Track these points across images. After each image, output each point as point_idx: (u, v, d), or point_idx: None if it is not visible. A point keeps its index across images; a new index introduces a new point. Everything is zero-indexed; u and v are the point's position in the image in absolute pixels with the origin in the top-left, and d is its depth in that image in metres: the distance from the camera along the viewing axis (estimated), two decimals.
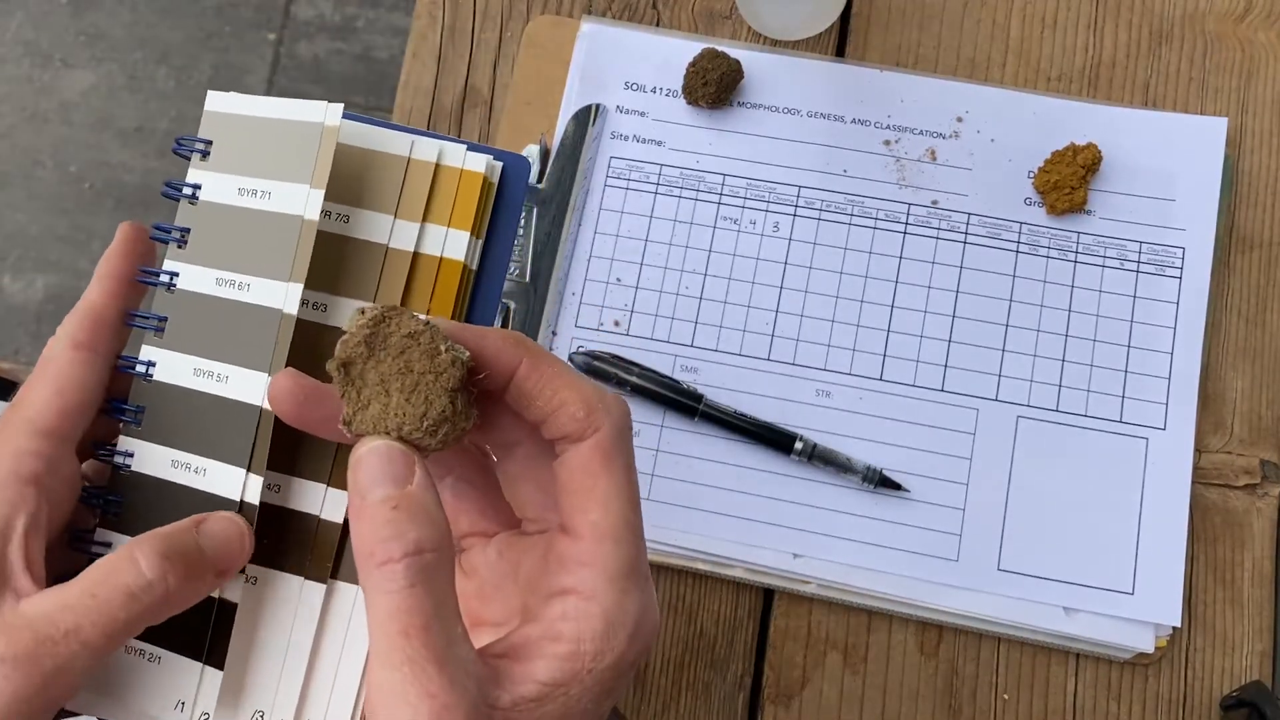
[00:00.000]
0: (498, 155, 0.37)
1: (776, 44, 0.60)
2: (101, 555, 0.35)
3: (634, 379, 0.54)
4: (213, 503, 0.35)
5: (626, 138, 0.58)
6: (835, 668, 0.53)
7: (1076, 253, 0.56)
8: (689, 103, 0.58)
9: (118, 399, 0.37)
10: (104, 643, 0.32)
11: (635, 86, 0.59)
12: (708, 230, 0.57)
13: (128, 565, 0.32)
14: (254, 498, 0.35)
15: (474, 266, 0.37)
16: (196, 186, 0.37)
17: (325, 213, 0.36)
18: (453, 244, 0.36)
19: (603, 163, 0.58)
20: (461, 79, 0.61)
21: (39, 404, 0.35)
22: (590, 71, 0.59)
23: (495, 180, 0.37)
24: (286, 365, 0.34)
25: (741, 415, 0.54)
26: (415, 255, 0.36)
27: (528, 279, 0.56)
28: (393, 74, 1.42)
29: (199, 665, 0.35)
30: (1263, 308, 0.56)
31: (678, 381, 0.55)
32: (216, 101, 0.38)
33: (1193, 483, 0.53)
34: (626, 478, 0.32)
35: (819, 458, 0.53)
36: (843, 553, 0.53)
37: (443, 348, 0.30)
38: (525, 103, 0.59)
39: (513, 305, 0.56)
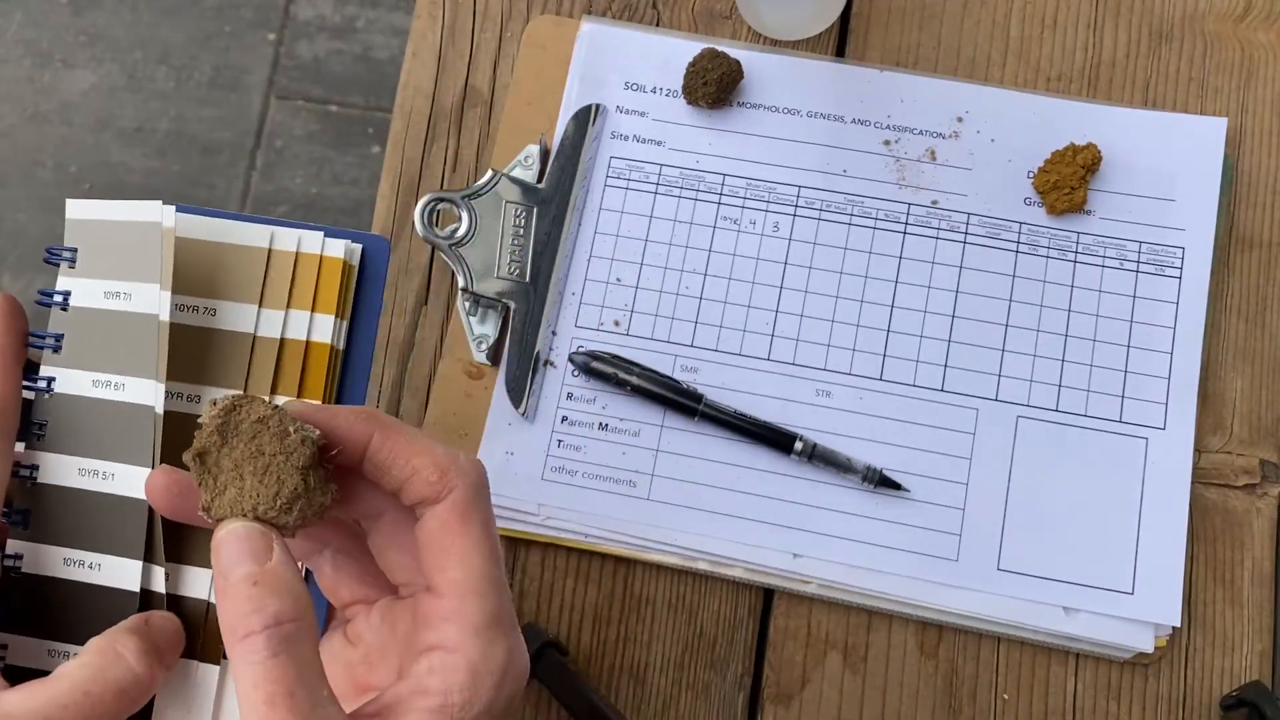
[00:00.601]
0: (356, 238, 0.39)
1: (776, 44, 0.60)
2: None
3: (634, 379, 0.54)
4: (111, 596, 0.36)
5: (626, 138, 0.58)
6: (835, 668, 0.53)
7: (1076, 253, 0.56)
8: (689, 103, 0.58)
9: None
10: None
11: (635, 86, 0.59)
12: (708, 230, 0.57)
13: (116, 662, 0.33)
14: (160, 587, 0.36)
15: (340, 347, 0.39)
16: (66, 293, 0.38)
17: (191, 308, 0.38)
18: (319, 328, 0.38)
19: (603, 163, 0.58)
20: (461, 79, 0.61)
21: None
22: (590, 71, 0.59)
23: (356, 263, 0.39)
24: (163, 460, 0.36)
25: (741, 415, 0.54)
26: (282, 341, 0.38)
27: (528, 279, 0.56)
28: (393, 74, 1.42)
29: None
30: (1262, 308, 0.56)
31: (678, 381, 0.55)
32: (76, 209, 0.39)
33: (1192, 483, 0.53)
34: (484, 533, 0.33)
35: (819, 458, 0.53)
36: (843, 553, 0.53)
37: (291, 429, 0.32)
38: (525, 103, 0.59)
39: (512, 305, 0.56)
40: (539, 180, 0.57)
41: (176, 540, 0.37)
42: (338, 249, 0.39)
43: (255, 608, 0.30)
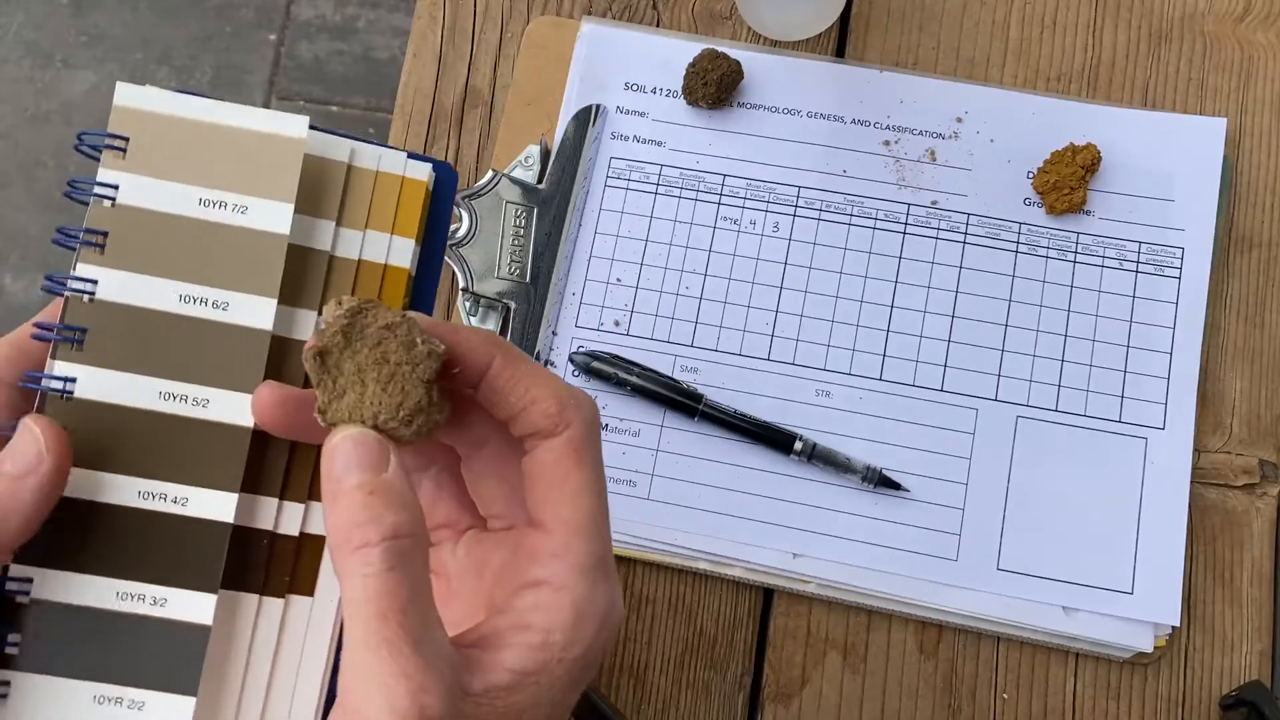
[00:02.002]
0: (425, 160, 0.37)
1: (776, 44, 0.60)
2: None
3: (634, 379, 0.54)
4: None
5: (626, 138, 0.58)
6: (835, 667, 0.53)
7: (1076, 253, 0.56)
8: (689, 103, 0.58)
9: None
10: None
11: (635, 87, 0.59)
12: (708, 230, 0.57)
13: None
14: (228, 517, 0.34)
15: (414, 272, 0.37)
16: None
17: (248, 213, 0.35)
18: (398, 251, 0.36)
19: (603, 163, 0.58)
20: (462, 79, 0.61)
21: None
22: (590, 72, 0.59)
23: (431, 187, 0.37)
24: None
25: (741, 415, 0.54)
26: (360, 263, 0.36)
27: (528, 279, 0.56)
28: (393, 74, 1.42)
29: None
30: (1262, 308, 0.56)
31: (678, 381, 0.55)
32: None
33: (1192, 482, 0.53)
34: (596, 474, 0.32)
35: (819, 457, 0.53)
36: (843, 552, 0.53)
37: (419, 340, 0.30)
38: (525, 103, 0.59)
39: (513, 305, 0.56)
40: (539, 180, 0.57)
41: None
42: (421, 172, 0.36)
43: (371, 518, 0.29)
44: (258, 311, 0.34)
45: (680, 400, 0.54)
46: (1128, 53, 0.59)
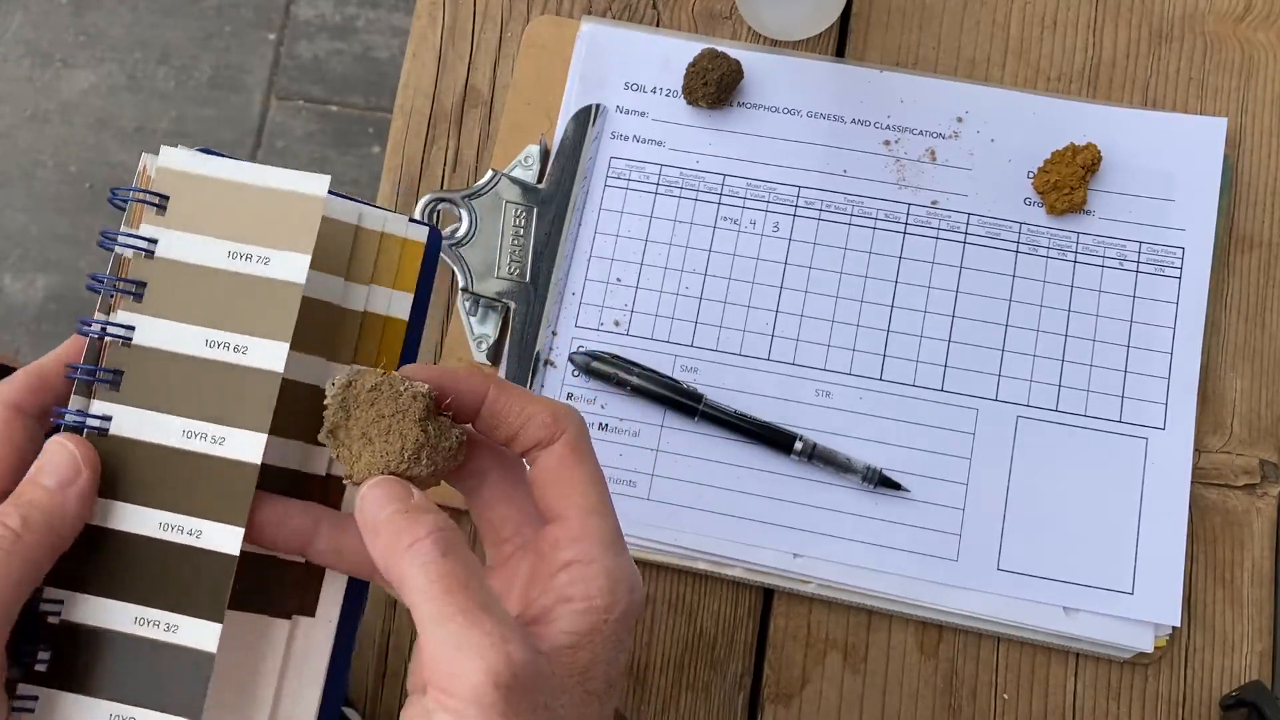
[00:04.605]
0: (422, 224, 0.41)
1: (776, 44, 0.60)
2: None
3: (634, 379, 0.54)
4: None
5: (626, 138, 0.58)
6: (835, 667, 0.53)
7: (1076, 253, 0.56)
8: (689, 103, 0.58)
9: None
10: None
11: (635, 86, 0.59)
12: (708, 230, 0.57)
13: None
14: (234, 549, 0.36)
15: (409, 323, 0.41)
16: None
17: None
18: (398, 304, 0.40)
19: (603, 163, 0.58)
20: (461, 79, 0.61)
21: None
22: (590, 71, 0.59)
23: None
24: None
25: (741, 415, 0.54)
26: (364, 314, 0.40)
27: (527, 279, 0.56)
28: (393, 74, 1.42)
29: None
30: (1262, 308, 0.56)
31: (678, 381, 0.55)
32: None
33: (1192, 482, 0.53)
34: (596, 468, 0.36)
35: (819, 458, 0.53)
36: (843, 552, 0.53)
37: (402, 389, 0.35)
38: (525, 103, 0.59)
39: (513, 305, 0.56)
40: (539, 180, 0.57)
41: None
42: (420, 234, 0.40)
43: (413, 523, 0.33)
44: (272, 355, 0.36)
45: (680, 400, 0.54)
46: (1128, 52, 0.59)
